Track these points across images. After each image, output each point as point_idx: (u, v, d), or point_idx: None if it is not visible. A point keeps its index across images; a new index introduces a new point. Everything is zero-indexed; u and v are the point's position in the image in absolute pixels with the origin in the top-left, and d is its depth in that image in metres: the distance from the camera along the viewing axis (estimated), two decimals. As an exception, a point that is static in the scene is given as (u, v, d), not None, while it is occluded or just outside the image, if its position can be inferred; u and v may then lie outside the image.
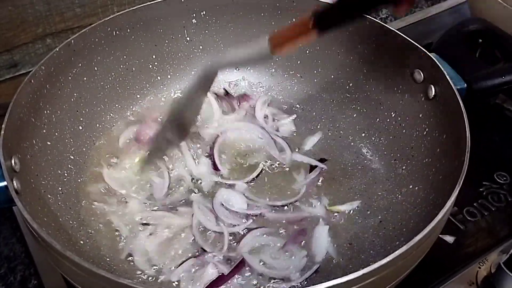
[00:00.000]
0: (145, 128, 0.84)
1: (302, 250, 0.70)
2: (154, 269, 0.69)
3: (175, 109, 0.76)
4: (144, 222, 0.73)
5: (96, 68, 0.82)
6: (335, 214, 0.75)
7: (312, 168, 0.81)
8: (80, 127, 0.80)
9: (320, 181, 0.80)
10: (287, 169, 0.82)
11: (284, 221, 0.74)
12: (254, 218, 0.74)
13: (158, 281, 0.67)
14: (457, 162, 0.62)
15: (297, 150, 0.84)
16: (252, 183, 0.79)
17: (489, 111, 0.98)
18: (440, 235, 0.72)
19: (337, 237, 0.73)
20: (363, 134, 0.85)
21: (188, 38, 0.90)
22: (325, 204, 0.76)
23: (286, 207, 0.76)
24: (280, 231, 0.73)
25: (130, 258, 0.70)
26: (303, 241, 0.72)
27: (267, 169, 0.81)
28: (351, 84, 0.87)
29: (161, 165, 0.80)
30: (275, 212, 0.75)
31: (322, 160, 0.82)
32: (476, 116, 0.69)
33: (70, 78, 0.78)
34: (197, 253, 0.70)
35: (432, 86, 0.74)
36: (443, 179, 0.68)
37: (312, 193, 0.78)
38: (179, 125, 0.75)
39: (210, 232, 0.73)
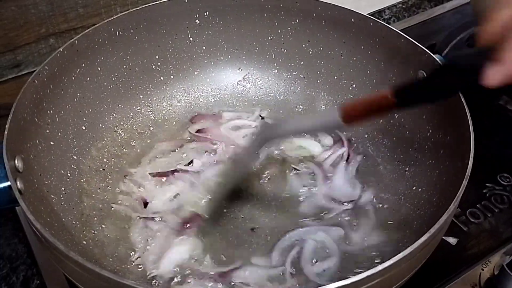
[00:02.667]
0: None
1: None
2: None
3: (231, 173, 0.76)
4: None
5: (99, 69, 0.82)
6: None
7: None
8: (83, 127, 0.80)
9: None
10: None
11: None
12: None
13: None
14: (460, 164, 0.62)
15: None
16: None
17: (493, 112, 0.98)
18: (443, 237, 0.72)
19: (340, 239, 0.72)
20: (366, 136, 0.85)
21: (191, 39, 0.90)
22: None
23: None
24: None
25: (134, 259, 0.70)
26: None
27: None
28: (354, 85, 0.87)
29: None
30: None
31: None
32: (479, 118, 0.69)
33: (73, 78, 0.78)
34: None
35: (435, 87, 0.74)
36: (446, 180, 0.68)
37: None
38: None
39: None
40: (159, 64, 0.89)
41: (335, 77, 0.89)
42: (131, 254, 0.70)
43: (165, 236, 0.72)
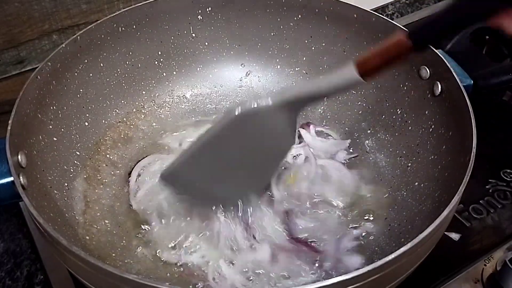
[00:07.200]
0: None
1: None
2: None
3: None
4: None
5: (102, 64, 0.83)
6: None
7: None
8: (86, 123, 0.81)
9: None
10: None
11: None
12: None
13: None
14: (463, 159, 0.62)
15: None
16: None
17: (496, 108, 0.98)
18: (445, 232, 0.72)
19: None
20: (369, 131, 0.85)
21: (193, 35, 0.90)
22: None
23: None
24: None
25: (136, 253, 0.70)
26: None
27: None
28: (357, 81, 0.87)
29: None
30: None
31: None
32: (482, 113, 0.69)
33: (76, 74, 0.79)
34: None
35: (438, 83, 0.73)
36: (449, 176, 0.68)
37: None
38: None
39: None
40: (161, 60, 0.89)
41: (338, 73, 0.89)
42: (135, 249, 0.71)
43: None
